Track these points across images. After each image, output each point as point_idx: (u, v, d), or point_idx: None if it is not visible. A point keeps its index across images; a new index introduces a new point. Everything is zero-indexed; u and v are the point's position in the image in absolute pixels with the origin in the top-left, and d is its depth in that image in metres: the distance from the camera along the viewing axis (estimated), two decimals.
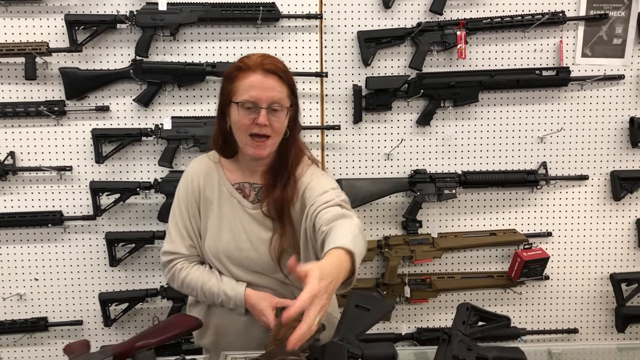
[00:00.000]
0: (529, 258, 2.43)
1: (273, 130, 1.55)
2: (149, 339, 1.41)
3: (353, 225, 1.38)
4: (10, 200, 2.35)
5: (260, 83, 1.52)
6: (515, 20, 2.38)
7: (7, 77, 2.29)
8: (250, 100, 1.51)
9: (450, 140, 2.47)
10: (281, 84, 1.55)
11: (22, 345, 2.42)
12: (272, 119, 1.53)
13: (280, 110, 1.54)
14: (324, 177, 1.66)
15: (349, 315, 1.54)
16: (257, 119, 1.51)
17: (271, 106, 1.52)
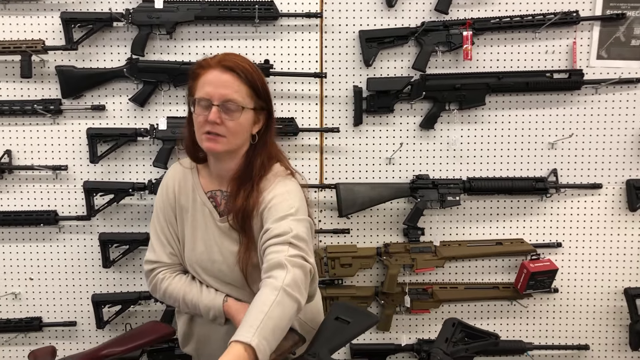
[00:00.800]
0: (536, 269, 2.31)
1: (227, 130, 1.49)
2: (116, 347, 1.37)
3: (272, 296, 1.26)
4: (7, 199, 2.34)
5: (215, 79, 1.49)
6: (525, 20, 2.27)
7: (3, 75, 2.28)
8: (204, 98, 1.48)
9: (455, 145, 2.37)
10: (239, 82, 1.50)
11: (16, 345, 2.41)
12: (225, 117, 1.48)
13: (235, 110, 1.49)
14: (287, 198, 1.52)
15: (327, 327, 1.47)
16: (208, 116, 1.47)
17: (224, 104, 1.48)
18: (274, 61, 2.28)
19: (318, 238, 2.40)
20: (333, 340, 1.39)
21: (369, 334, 2.46)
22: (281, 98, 2.31)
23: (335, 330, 1.44)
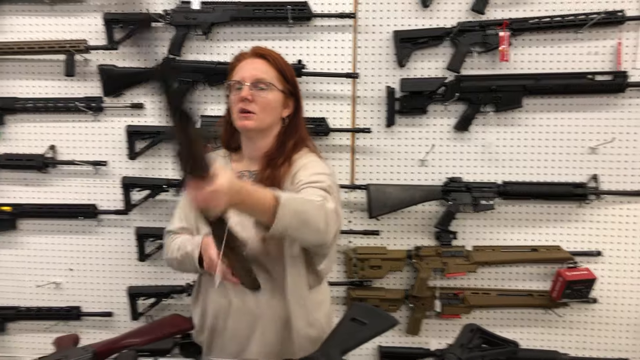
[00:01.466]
0: (573, 278, 2.23)
1: (258, 107, 1.59)
2: (135, 338, 1.40)
3: (316, 197, 1.41)
4: (50, 192, 2.45)
5: (248, 65, 1.64)
6: (566, 20, 2.20)
7: (49, 73, 2.39)
8: (237, 80, 1.62)
9: (490, 148, 2.31)
10: (268, 66, 1.64)
11: (56, 332, 2.50)
12: (256, 95, 1.59)
13: (266, 88, 1.60)
14: (320, 162, 1.64)
15: (342, 328, 1.46)
16: (241, 94, 1.58)
17: (255, 84, 1.59)
18: (307, 61, 2.29)
19: (347, 239, 2.40)
20: (346, 341, 1.38)
21: (398, 337, 2.44)
22: (313, 98, 2.32)
23: (350, 331, 1.43)
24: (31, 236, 2.48)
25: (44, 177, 2.44)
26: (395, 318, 1.49)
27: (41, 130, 2.41)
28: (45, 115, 2.40)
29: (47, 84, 2.40)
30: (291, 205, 1.33)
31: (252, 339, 1.60)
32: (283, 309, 1.59)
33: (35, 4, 2.34)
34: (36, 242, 2.48)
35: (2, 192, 2.46)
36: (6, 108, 2.38)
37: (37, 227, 2.48)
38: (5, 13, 2.37)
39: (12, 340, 2.54)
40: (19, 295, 2.51)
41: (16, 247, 2.49)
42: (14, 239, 2.48)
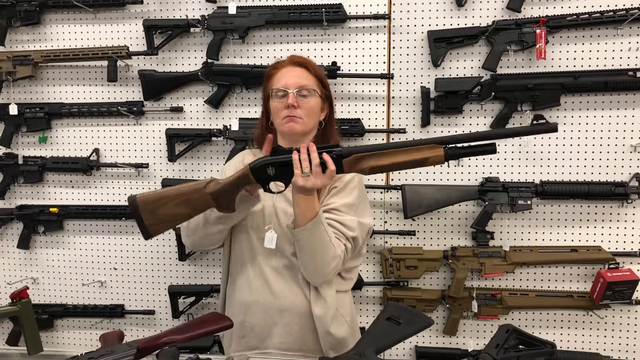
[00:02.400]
0: (614, 279, 2.19)
1: (303, 112, 1.68)
2: (176, 335, 1.44)
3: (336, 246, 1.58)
4: (95, 194, 2.54)
5: (289, 73, 1.72)
6: (605, 16, 2.15)
7: (93, 79, 2.48)
8: (280, 88, 1.69)
9: (527, 147, 2.29)
10: (308, 73, 1.73)
11: (101, 329, 2.60)
12: (301, 101, 1.68)
13: (309, 95, 1.70)
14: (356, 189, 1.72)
15: (378, 327, 1.48)
16: (287, 101, 1.67)
17: (299, 91, 1.68)
18: (342, 63, 2.31)
19: (384, 239, 2.40)
20: (381, 340, 1.39)
21: (435, 338, 2.44)
22: (348, 99, 2.34)
23: (385, 331, 1.44)
24: (77, 236, 2.58)
25: (89, 180, 2.53)
26: (430, 318, 1.49)
27: (85, 134, 2.51)
28: (89, 120, 2.50)
29: (90, 89, 2.49)
30: (316, 233, 1.54)
31: (274, 331, 1.66)
32: (307, 302, 1.65)
33: (79, 12, 2.43)
34: (82, 242, 2.57)
35: (49, 193, 2.56)
36: (53, 113, 2.48)
37: (82, 228, 2.57)
38: (51, 22, 2.47)
39: (60, 336, 2.64)
40: (66, 293, 2.61)
41: (63, 247, 2.59)
42: (60, 239, 2.58)
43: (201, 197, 1.54)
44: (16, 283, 2.60)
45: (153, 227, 1.53)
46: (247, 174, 1.51)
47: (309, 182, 1.45)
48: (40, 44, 2.48)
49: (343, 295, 1.73)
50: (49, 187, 2.56)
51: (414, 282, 2.40)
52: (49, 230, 2.55)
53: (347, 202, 1.66)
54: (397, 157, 1.45)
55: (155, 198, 1.53)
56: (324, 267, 1.60)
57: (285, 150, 1.50)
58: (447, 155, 1.40)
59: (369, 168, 1.47)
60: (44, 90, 2.51)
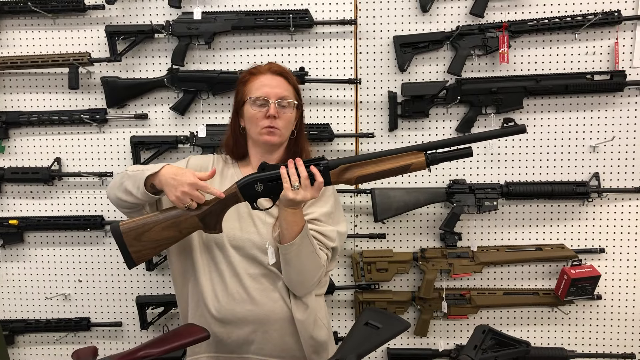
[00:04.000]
0: (577, 276, 2.26)
1: (282, 123, 1.70)
2: (152, 348, 1.41)
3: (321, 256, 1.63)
4: (57, 205, 2.46)
5: (269, 82, 1.72)
6: (564, 22, 2.23)
7: (53, 86, 2.40)
8: (261, 97, 1.69)
9: (492, 149, 2.34)
10: (287, 84, 1.75)
11: (66, 344, 2.52)
12: (280, 112, 1.69)
13: (288, 106, 1.72)
14: (332, 198, 1.76)
15: (357, 332, 1.48)
16: (268, 112, 1.67)
17: (280, 102, 1.70)
18: (310, 68, 2.31)
19: (354, 242, 2.42)
20: (362, 345, 1.40)
21: (406, 339, 2.46)
22: (316, 104, 2.35)
23: (364, 336, 1.45)
24: (39, 248, 2.49)
25: (50, 190, 2.45)
26: (407, 321, 1.51)
27: (46, 143, 2.43)
28: (50, 128, 2.42)
29: (51, 97, 2.41)
30: (304, 246, 1.57)
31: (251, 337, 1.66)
32: (286, 308, 1.66)
33: (38, 18, 2.35)
34: (44, 254, 2.49)
35: (8, 205, 2.46)
36: (11, 122, 2.39)
37: (44, 240, 2.49)
38: (8, 27, 2.38)
39: (22, 352, 2.55)
40: (27, 307, 2.52)
41: (24, 260, 2.50)
42: (21, 252, 2.49)
43: (188, 220, 1.53)
44: None
45: (137, 254, 1.52)
46: (234, 193, 1.52)
47: (298, 195, 1.47)
48: None
49: (319, 298, 1.75)
50: (8, 198, 2.46)
51: (385, 285, 2.42)
52: (8, 243, 2.45)
53: (325, 210, 1.68)
54: (381, 166, 1.50)
55: (140, 224, 1.51)
56: (311, 279, 1.63)
57: (272, 166, 1.52)
58: (428, 160, 1.49)
59: (355, 178, 1.53)
60: (1, 98, 2.41)
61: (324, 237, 1.65)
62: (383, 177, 1.53)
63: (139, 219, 1.51)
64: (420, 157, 1.48)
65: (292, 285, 1.64)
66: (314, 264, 1.60)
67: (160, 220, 1.50)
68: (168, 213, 1.52)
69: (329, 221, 1.69)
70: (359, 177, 1.51)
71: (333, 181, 1.51)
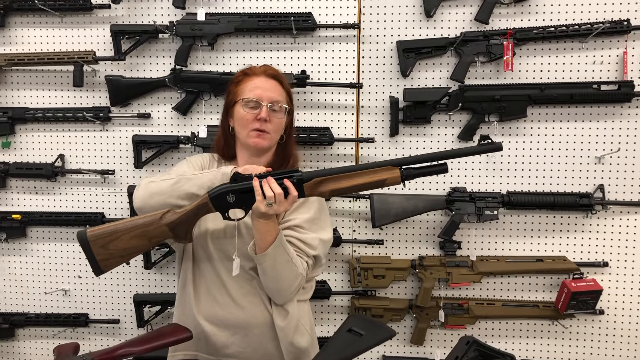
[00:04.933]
0: (578, 289, 2.21)
1: (273, 127, 1.69)
2: (133, 347, 1.41)
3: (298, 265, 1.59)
4: (59, 201, 2.49)
5: (263, 84, 1.71)
6: (570, 30, 2.19)
7: (58, 84, 2.43)
8: (253, 99, 1.67)
9: (494, 158, 2.30)
10: (280, 88, 1.74)
11: (64, 339, 2.54)
12: (272, 116, 1.68)
13: (279, 110, 1.71)
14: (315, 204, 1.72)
15: (338, 339, 1.47)
16: (259, 114, 1.66)
17: (271, 106, 1.68)
18: (312, 71, 2.31)
19: (352, 248, 2.40)
20: (341, 353, 1.38)
21: (402, 347, 2.44)
22: (317, 108, 2.34)
23: (345, 343, 1.43)
24: (40, 243, 2.52)
25: (53, 186, 2.48)
26: (392, 329, 1.49)
27: (50, 140, 2.46)
28: (54, 125, 2.45)
29: (56, 94, 2.44)
30: (278, 256, 1.54)
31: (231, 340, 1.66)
32: (267, 313, 1.65)
33: (46, 16, 2.39)
34: (45, 249, 2.52)
35: (12, 200, 2.50)
36: (17, 118, 2.42)
37: (46, 235, 2.52)
38: (16, 25, 2.42)
39: (21, 346, 2.58)
40: (28, 301, 2.55)
41: (26, 255, 2.53)
42: (23, 247, 2.52)
43: (158, 229, 1.52)
44: None
45: (104, 262, 1.51)
46: (206, 203, 1.51)
47: (271, 209, 1.45)
48: (5, 47, 2.42)
49: (302, 304, 1.73)
50: (12, 193, 2.50)
51: (382, 292, 2.40)
52: (11, 237, 2.49)
53: (308, 217, 1.66)
54: (356, 180, 1.49)
55: (108, 232, 1.50)
56: (288, 287, 1.61)
57: (245, 177, 1.50)
58: (403, 176, 1.47)
59: (329, 191, 1.51)
60: (8, 94, 2.45)
61: (305, 244, 1.62)
62: (357, 190, 1.51)
63: (107, 227, 1.50)
64: (395, 172, 1.46)
65: (271, 294, 1.63)
66: (291, 273, 1.58)
67: (129, 229, 1.49)
68: (137, 221, 1.51)
69: (312, 227, 1.66)
70: (333, 191, 1.49)
71: (307, 194, 1.49)
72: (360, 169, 1.50)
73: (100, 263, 1.50)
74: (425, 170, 1.50)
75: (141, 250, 1.56)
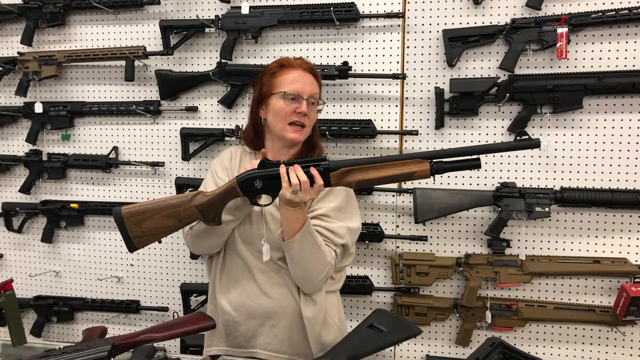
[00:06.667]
0: (639, 294, 2.05)
1: (309, 121, 1.70)
2: (155, 333, 1.44)
3: (327, 253, 1.58)
4: (113, 191, 2.59)
5: (302, 78, 1.70)
6: (633, 13, 2.02)
7: (112, 78, 2.54)
8: (294, 92, 1.67)
9: (547, 152, 2.17)
10: (316, 82, 1.74)
11: (117, 324, 2.65)
12: (310, 110, 1.69)
13: (315, 104, 1.72)
14: (343, 192, 1.70)
15: (358, 334, 1.44)
16: (299, 108, 1.66)
17: (309, 99, 1.68)
18: (355, 62, 2.27)
19: (395, 244, 2.34)
20: (358, 348, 1.35)
21: (447, 348, 2.35)
22: (360, 100, 2.30)
23: (364, 338, 1.40)
24: (96, 232, 2.64)
25: (108, 177, 2.59)
26: (418, 327, 1.44)
27: (106, 132, 2.57)
28: (109, 118, 2.55)
29: (110, 88, 2.55)
30: (306, 243, 1.53)
31: (259, 331, 1.66)
32: (295, 304, 1.64)
33: (101, 13, 2.49)
34: (101, 237, 2.64)
35: (71, 190, 2.64)
36: (75, 111, 2.56)
37: (101, 224, 2.63)
38: (75, 23, 2.54)
39: (79, 329, 2.71)
40: (85, 287, 2.68)
41: (83, 242, 2.66)
42: (81, 234, 2.66)
43: (188, 210, 1.55)
44: (40, 275, 2.70)
45: (138, 239, 1.55)
46: (234, 187, 1.53)
47: (297, 197, 1.44)
48: (65, 44, 2.56)
49: (331, 295, 1.71)
50: (71, 183, 2.63)
51: (426, 289, 2.32)
52: (70, 226, 2.63)
53: (335, 205, 1.64)
54: (383, 172, 1.45)
55: (141, 210, 1.55)
56: (316, 276, 1.60)
57: (273, 163, 1.50)
58: (433, 169, 1.42)
59: (356, 182, 1.48)
60: (67, 89, 2.59)
61: (332, 233, 1.61)
62: (385, 182, 1.47)
63: (140, 205, 1.54)
64: (424, 166, 1.41)
65: (299, 282, 1.62)
66: (319, 261, 1.56)
67: (160, 208, 1.53)
68: (168, 202, 1.55)
69: (339, 216, 1.64)
70: (359, 181, 1.46)
71: (333, 183, 1.47)
72: (389, 160, 1.46)
73: (134, 240, 1.56)
74: (457, 164, 1.44)
75: (172, 229, 1.59)
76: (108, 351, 1.34)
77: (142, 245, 1.56)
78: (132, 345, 1.41)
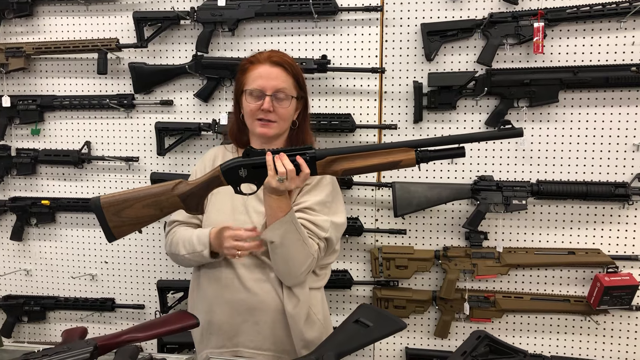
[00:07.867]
0: (612, 284, 2.10)
1: (278, 116, 1.66)
2: (137, 333, 1.41)
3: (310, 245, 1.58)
4: (86, 187, 2.53)
5: (267, 73, 1.66)
6: (607, 9, 2.06)
7: (85, 71, 2.47)
8: (256, 89, 1.65)
9: (523, 145, 2.20)
10: (286, 74, 1.68)
11: (92, 322, 2.59)
12: (276, 105, 1.65)
13: (285, 98, 1.66)
14: (328, 187, 1.70)
15: (344, 330, 1.42)
16: (262, 105, 1.63)
17: (275, 94, 1.64)
18: (333, 56, 2.26)
19: (374, 237, 2.34)
20: (345, 344, 1.34)
21: (426, 340, 2.37)
22: (339, 94, 2.29)
23: (351, 334, 1.39)
24: (69, 229, 2.57)
25: (80, 172, 2.52)
26: (403, 321, 1.44)
27: (77, 127, 2.50)
28: (80, 112, 2.49)
29: (82, 81, 2.48)
30: (288, 233, 1.52)
31: (242, 328, 1.64)
32: (278, 300, 1.62)
33: (71, 4, 2.42)
34: (73, 234, 2.57)
35: (42, 186, 2.56)
36: (45, 105, 2.48)
37: (74, 221, 2.57)
38: (44, 14, 2.46)
39: (51, 328, 2.64)
40: (57, 285, 2.61)
41: (55, 239, 2.59)
42: (53, 232, 2.59)
43: (170, 199, 1.52)
44: (9, 274, 2.62)
45: (117, 229, 1.51)
46: (217, 176, 1.50)
47: (282, 185, 1.43)
48: (33, 35, 2.48)
49: (315, 292, 1.70)
50: (42, 179, 2.56)
51: (405, 282, 2.34)
52: (41, 223, 2.55)
53: (319, 199, 1.63)
54: (369, 160, 1.44)
55: (120, 199, 1.51)
56: (299, 267, 1.58)
57: (258, 152, 1.48)
58: (419, 158, 1.41)
59: (342, 170, 1.47)
60: (37, 82, 2.51)
61: (316, 226, 1.60)
62: (371, 171, 1.48)
63: (120, 194, 1.50)
64: (410, 154, 1.40)
65: (280, 274, 1.60)
66: (302, 252, 1.55)
67: (141, 197, 1.49)
68: (149, 191, 1.51)
69: (324, 210, 1.63)
70: (346, 170, 1.44)
71: (319, 172, 1.45)
72: (375, 149, 1.45)
73: (113, 230, 1.52)
74: (442, 153, 1.43)
75: (153, 219, 1.54)
76: (90, 352, 1.31)
77: (122, 235, 1.52)
78: (115, 346, 1.38)
